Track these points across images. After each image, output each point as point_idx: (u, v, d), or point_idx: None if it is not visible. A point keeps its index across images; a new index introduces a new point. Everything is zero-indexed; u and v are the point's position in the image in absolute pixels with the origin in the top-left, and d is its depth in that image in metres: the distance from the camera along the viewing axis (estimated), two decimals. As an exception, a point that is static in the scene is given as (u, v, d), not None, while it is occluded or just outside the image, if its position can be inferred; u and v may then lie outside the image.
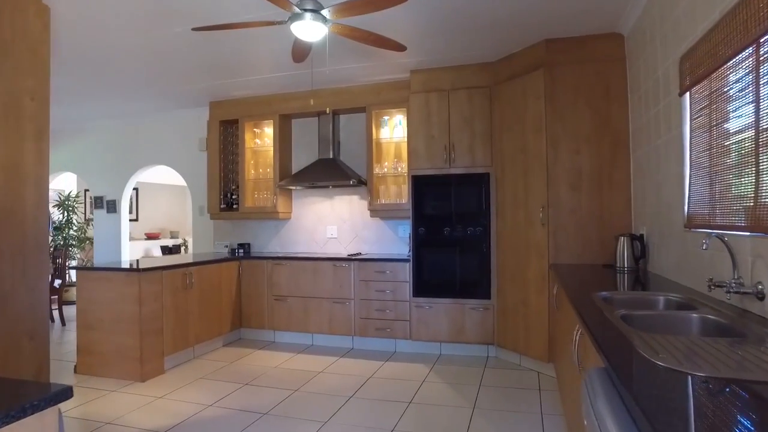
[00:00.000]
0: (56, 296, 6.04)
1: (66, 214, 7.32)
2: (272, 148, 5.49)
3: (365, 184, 5.12)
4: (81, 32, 3.73)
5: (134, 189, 9.88)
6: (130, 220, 9.95)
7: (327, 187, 5.44)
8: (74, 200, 7.46)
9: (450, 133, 4.52)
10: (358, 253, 5.22)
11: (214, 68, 4.61)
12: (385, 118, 5.16)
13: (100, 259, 6.68)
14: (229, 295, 5.06)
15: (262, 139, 5.72)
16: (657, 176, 2.92)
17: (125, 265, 4.44)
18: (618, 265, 3.34)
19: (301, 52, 3.24)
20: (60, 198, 7.40)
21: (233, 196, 5.69)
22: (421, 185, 4.63)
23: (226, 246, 5.89)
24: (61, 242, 7.14)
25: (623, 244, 3.33)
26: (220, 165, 5.70)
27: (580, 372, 1.88)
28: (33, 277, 2.75)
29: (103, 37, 3.81)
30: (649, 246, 3.18)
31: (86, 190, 8.79)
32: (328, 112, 5.20)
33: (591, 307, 1.93)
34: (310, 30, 2.74)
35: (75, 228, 7.43)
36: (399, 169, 5.07)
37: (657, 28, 2.81)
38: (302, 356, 4.66)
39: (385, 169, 5.13)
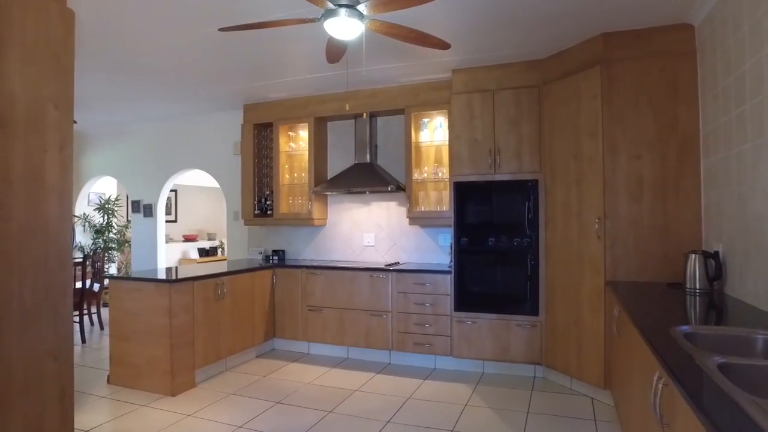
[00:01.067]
0: (95, 300, 6.05)
1: (106, 217, 7.37)
2: (307, 152, 5.30)
3: (404, 190, 4.86)
4: (115, 36, 3.63)
5: (173, 191, 9.97)
6: (169, 222, 10.05)
7: (364, 192, 5.22)
8: (114, 204, 7.51)
9: (495, 136, 4.21)
10: (396, 263, 4.98)
11: (248, 70, 4.46)
12: (425, 120, 4.89)
13: (137, 263, 6.68)
14: (262, 304, 4.91)
15: (296, 142, 5.55)
16: (740, 186, 2.55)
17: (156, 274, 4.34)
18: (688, 286, 2.96)
19: (335, 52, 3.02)
20: (101, 201, 7.46)
21: (267, 202, 5.54)
22: (464, 192, 4.34)
23: (260, 252, 5.75)
24: (101, 245, 7.20)
25: (695, 262, 2.95)
26: (254, 169, 5.56)
27: (663, 428, 1.57)
28: (56, 295, 2.62)
29: (138, 40, 3.70)
30: (727, 265, 2.79)
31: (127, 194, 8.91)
32: (365, 116, 4.97)
33: (674, 349, 1.61)
34: (345, 27, 2.51)
35: (115, 231, 7.48)
36: (440, 175, 4.79)
37: (744, 15, 2.44)
38: (337, 371, 4.44)
39: (425, 175, 4.86)
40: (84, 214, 7.28)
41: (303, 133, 5.49)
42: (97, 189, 7.57)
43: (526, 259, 4.13)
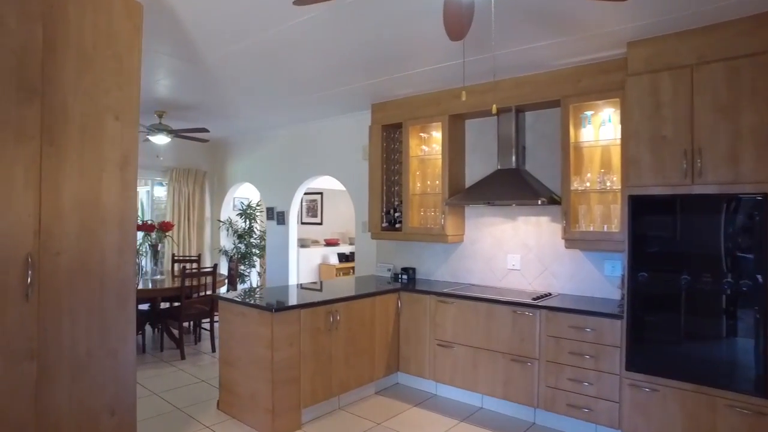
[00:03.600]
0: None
1: (248, 222, 7.49)
2: (441, 157, 4.52)
3: (559, 203, 3.81)
4: (245, 40, 3.29)
5: (318, 194, 10.00)
6: (315, 224, 10.10)
7: (508, 205, 4.27)
8: (255, 209, 7.60)
9: (693, 131, 2.96)
10: (546, 294, 3.95)
11: (373, 63, 3.80)
12: (587, 113, 3.76)
13: (271, 271, 6.59)
14: (384, 333, 4.26)
15: (429, 145, 4.80)
16: None
17: (268, 293, 3.96)
18: None
19: (456, 22, 2.18)
20: (242, 207, 7.61)
21: (396, 213, 4.90)
22: (644, 209, 3.16)
23: (389, 269, 5.14)
24: (242, 250, 7.31)
25: None
26: (383, 177, 4.94)
27: None
28: (114, 340, 2.23)
29: (260, 39, 3.31)
30: None
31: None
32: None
33: None
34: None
35: (256, 236, 7.56)
36: (608, 184, 3.64)
37: None
38: (467, 427, 3.60)
39: (587, 184, 3.74)
40: (228, 218, 7.48)
41: (436, 134, 4.72)
42: (239, 194, 7.74)
43: (746, 310, 2.82)
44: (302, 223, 10.33)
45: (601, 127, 3.72)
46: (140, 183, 7.93)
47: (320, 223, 10.30)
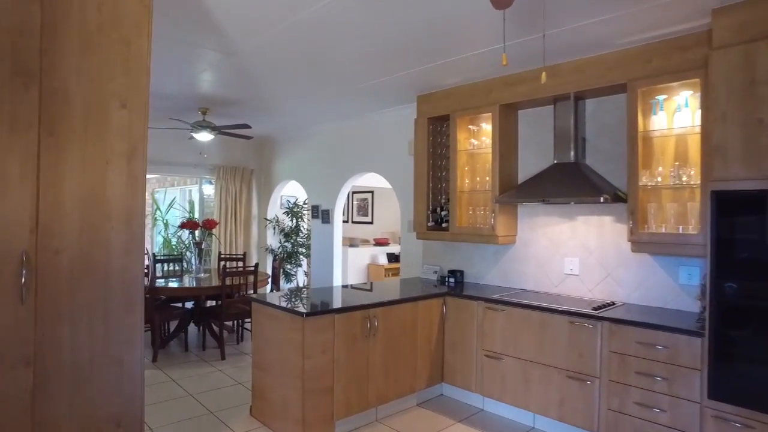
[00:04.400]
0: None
1: (294, 221, 7.37)
2: (491, 150, 4.15)
3: (624, 200, 3.36)
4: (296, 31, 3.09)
5: (369, 192, 9.80)
6: (366, 224, 9.91)
7: (566, 203, 3.85)
8: (302, 207, 7.47)
9: (797, 113, 2.46)
10: (609, 303, 3.50)
11: (417, 47, 3.46)
12: (659, 98, 3.28)
13: (317, 270, 6.42)
14: (427, 341, 3.95)
15: (479, 138, 4.43)
16: None
17: (291, 302, 3.75)
18: None
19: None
20: (289, 205, 7.50)
21: (443, 212, 4.57)
22: (732, 207, 2.67)
23: (435, 272, 4.82)
24: (288, 249, 7.20)
25: None
26: (429, 173, 4.63)
27: None
28: (120, 346, 2.05)
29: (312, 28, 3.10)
30: None
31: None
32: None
33: None
34: None
35: (303, 234, 7.43)
36: (684, 179, 3.15)
37: None
38: (515, 450, 3.24)
39: (659, 179, 3.26)
40: (275, 216, 7.40)
41: (486, 127, 4.35)
42: (286, 192, 7.63)
43: None
44: (353, 222, 10.16)
45: (675, 114, 3.23)
46: (192, 182, 8.03)
47: (371, 222, 10.10)
